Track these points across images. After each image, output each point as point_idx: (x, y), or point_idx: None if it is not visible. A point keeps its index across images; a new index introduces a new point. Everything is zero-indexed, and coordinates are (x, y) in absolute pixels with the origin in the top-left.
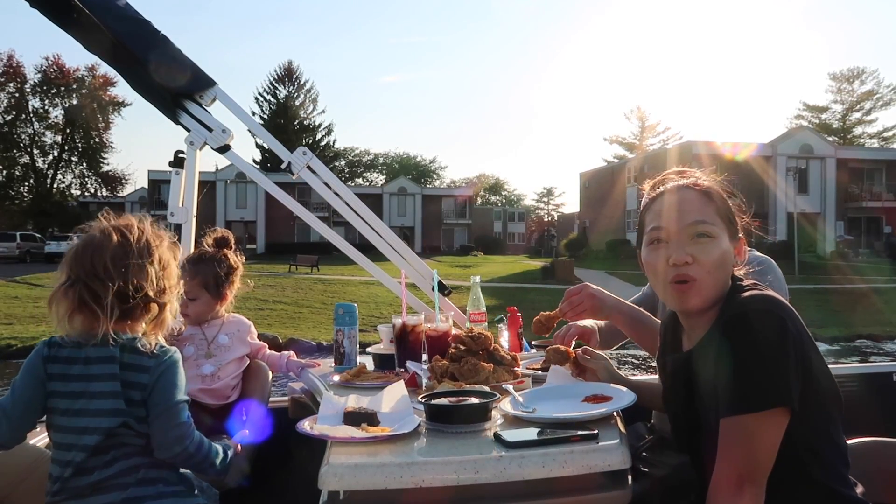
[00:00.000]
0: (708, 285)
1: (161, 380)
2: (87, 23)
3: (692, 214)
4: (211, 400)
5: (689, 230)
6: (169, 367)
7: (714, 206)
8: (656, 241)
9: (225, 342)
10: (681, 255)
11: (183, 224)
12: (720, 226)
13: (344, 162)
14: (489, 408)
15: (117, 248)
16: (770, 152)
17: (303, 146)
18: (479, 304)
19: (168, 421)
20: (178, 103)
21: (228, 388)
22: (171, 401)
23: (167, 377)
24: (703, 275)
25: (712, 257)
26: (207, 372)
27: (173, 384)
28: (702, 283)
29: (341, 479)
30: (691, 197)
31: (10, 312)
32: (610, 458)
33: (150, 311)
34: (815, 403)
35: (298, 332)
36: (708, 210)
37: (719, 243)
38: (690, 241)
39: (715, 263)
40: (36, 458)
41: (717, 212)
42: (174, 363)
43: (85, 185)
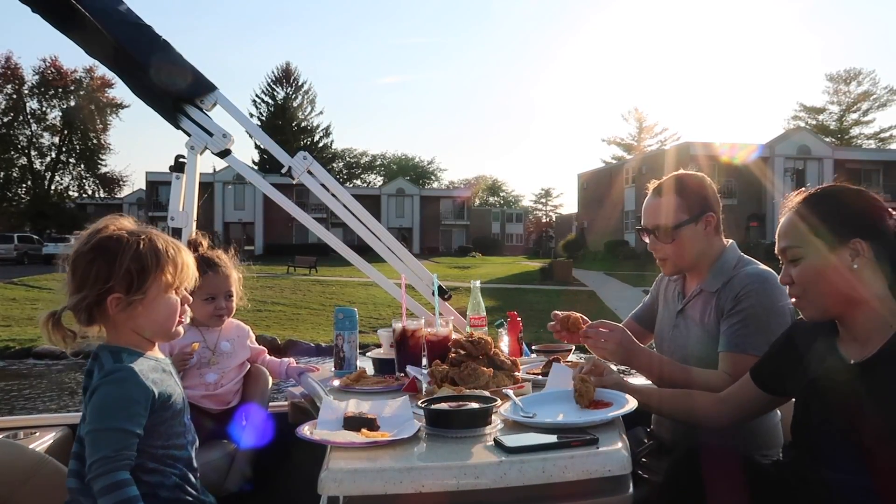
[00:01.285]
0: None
1: (95, 396)
2: (88, 28)
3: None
4: (213, 405)
5: None
6: (106, 384)
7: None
8: None
9: (227, 349)
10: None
11: (183, 228)
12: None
13: (342, 163)
14: (489, 412)
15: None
16: (768, 153)
17: (303, 150)
18: (479, 309)
19: (88, 445)
20: (179, 108)
21: (230, 394)
22: (94, 424)
23: (100, 394)
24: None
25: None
26: (211, 380)
27: (104, 405)
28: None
29: (341, 484)
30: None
31: (8, 314)
32: (610, 464)
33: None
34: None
35: (297, 333)
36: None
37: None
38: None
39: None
40: (36, 462)
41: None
42: (118, 382)
43: (83, 187)
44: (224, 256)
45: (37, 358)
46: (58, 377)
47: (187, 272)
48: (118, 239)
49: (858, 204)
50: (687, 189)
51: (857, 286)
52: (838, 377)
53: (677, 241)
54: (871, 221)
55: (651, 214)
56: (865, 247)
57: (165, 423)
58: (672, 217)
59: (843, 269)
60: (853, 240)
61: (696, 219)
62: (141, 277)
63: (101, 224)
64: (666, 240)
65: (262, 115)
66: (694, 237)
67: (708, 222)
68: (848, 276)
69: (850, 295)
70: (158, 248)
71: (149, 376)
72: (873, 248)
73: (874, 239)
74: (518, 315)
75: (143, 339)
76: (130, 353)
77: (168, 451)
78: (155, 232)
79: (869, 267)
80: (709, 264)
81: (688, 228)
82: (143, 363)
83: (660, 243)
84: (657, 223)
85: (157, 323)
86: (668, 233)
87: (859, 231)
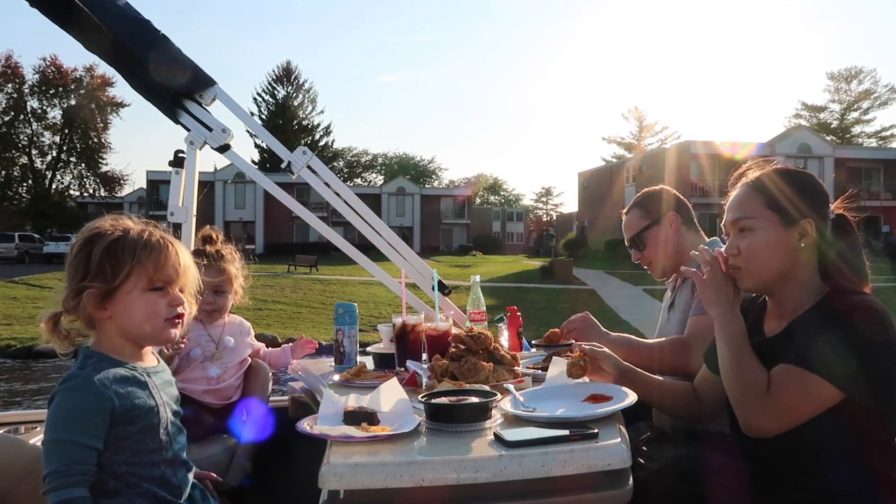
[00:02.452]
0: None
1: (52, 404)
2: (86, 22)
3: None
4: (214, 400)
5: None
6: (62, 392)
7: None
8: None
9: (230, 344)
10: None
11: (183, 224)
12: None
13: (342, 162)
14: (489, 407)
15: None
16: (768, 152)
17: (302, 146)
18: (479, 304)
19: (43, 457)
20: (178, 103)
21: (231, 389)
22: (47, 434)
23: (55, 402)
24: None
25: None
26: (214, 374)
27: (56, 414)
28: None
29: (341, 478)
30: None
31: (9, 313)
32: (610, 458)
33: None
34: None
35: (297, 332)
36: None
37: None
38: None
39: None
40: (35, 458)
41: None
42: (73, 390)
43: (83, 186)
44: (226, 252)
45: (38, 357)
46: (59, 376)
47: (177, 269)
48: (100, 231)
49: (813, 187)
50: (645, 200)
51: (797, 265)
52: (756, 351)
53: (648, 244)
54: (821, 205)
55: (625, 231)
56: (813, 228)
57: (130, 439)
58: (637, 226)
59: (790, 246)
60: (805, 220)
61: (658, 221)
62: (114, 269)
63: (97, 220)
64: (640, 246)
65: (262, 114)
66: (663, 237)
67: (672, 221)
68: (792, 254)
69: (787, 272)
70: (137, 241)
71: (111, 386)
72: (818, 231)
73: (820, 222)
74: (519, 313)
75: (127, 343)
76: (101, 358)
77: (133, 469)
78: (150, 227)
79: (810, 248)
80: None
81: (653, 231)
82: (108, 371)
83: (638, 252)
84: (629, 236)
85: (136, 322)
86: (639, 239)
87: (811, 213)
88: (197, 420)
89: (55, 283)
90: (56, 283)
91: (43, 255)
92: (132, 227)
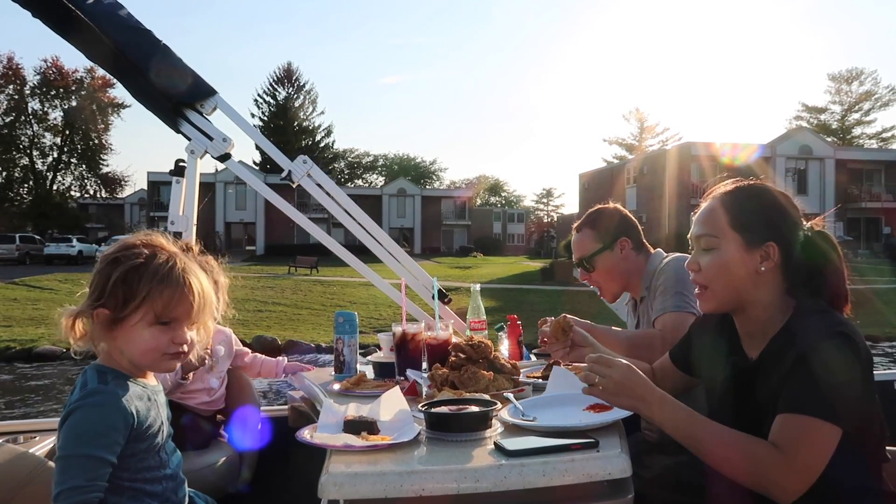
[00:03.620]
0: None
1: (72, 417)
2: (88, 32)
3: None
4: (210, 409)
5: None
6: (86, 407)
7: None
8: None
9: (221, 353)
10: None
11: (183, 232)
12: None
13: (343, 163)
14: (489, 416)
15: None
16: (769, 153)
17: (303, 154)
18: (480, 313)
19: (57, 472)
20: (179, 112)
21: (223, 398)
22: (67, 449)
23: (77, 417)
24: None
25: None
26: (215, 385)
27: (81, 429)
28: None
29: (341, 487)
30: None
31: (9, 314)
32: (610, 467)
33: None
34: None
35: (297, 333)
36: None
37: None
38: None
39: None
40: (34, 467)
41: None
42: (99, 406)
43: (84, 187)
44: (209, 263)
45: (38, 359)
46: (59, 378)
47: (189, 309)
48: (127, 254)
49: (782, 208)
50: (598, 221)
51: (757, 288)
52: (742, 377)
53: (598, 268)
54: (788, 229)
55: (575, 249)
56: (776, 252)
57: (137, 456)
58: (589, 248)
59: (751, 269)
60: (768, 243)
61: (611, 245)
62: (126, 299)
63: (135, 235)
64: (589, 269)
65: (263, 116)
66: (613, 262)
67: (623, 246)
68: (752, 277)
69: (748, 294)
70: (155, 274)
71: (132, 402)
72: (782, 255)
73: (785, 247)
74: (518, 317)
75: (132, 365)
76: (118, 375)
77: (136, 485)
78: (177, 258)
79: (773, 272)
80: (639, 278)
81: (605, 255)
82: (129, 388)
83: (586, 273)
84: (580, 256)
85: (134, 353)
86: (589, 262)
87: (775, 236)
88: (196, 428)
89: (56, 285)
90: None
91: (44, 256)
92: (158, 255)
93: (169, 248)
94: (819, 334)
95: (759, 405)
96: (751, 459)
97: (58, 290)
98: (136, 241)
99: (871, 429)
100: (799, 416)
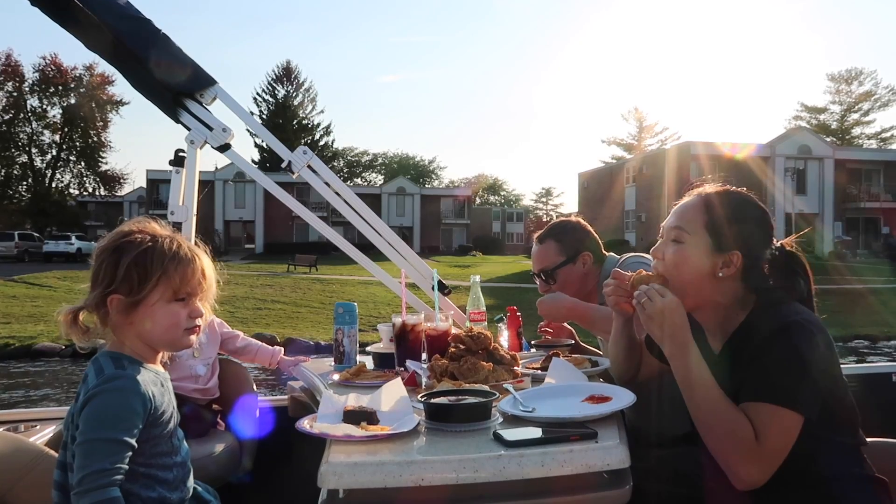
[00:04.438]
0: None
1: (92, 403)
2: (87, 21)
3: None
4: (202, 397)
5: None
6: (107, 392)
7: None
8: None
9: (205, 340)
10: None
11: (183, 223)
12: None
13: (343, 162)
14: (489, 407)
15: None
16: (768, 153)
17: (303, 146)
18: (479, 304)
19: (80, 456)
20: (179, 102)
21: (215, 386)
22: (90, 433)
23: (98, 402)
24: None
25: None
26: (202, 372)
27: (103, 413)
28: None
29: (341, 477)
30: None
31: (9, 312)
32: (609, 458)
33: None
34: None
35: (297, 331)
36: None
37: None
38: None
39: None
40: (35, 456)
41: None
42: (120, 390)
43: (83, 185)
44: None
45: (37, 355)
46: (59, 373)
47: (202, 282)
48: (130, 240)
49: (757, 222)
50: (563, 234)
51: (712, 290)
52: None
53: (559, 281)
54: (756, 243)
55: (536, 261)
56: (739, 261)
57: (151, 441)
58: (551, 260)
59: (710, 271)
60: (733, 251)
61: (573, 259)
62: (142, 280)
63: (126, 224)
64: (550, 280)
65: (262, 114)
66: (575, 276)
67: (585, 260)
68: (709, 279)
69: (701, 293)
70: (166, 252)
71: (149, 387)
72: (744, 265)
73: (749, 259)
74: (518, 313)
75: (146, 348)
76: (132, 360)
77: (149, 471)
78: (177, 237)
79: (731, 279)
80: (596, 287)
81: (566, 268)
82: (144, 373)
83: (546, 285)
84: (541, 267)
85: (156, 332)
86: (549, 274)
87: (743, 247)
88: (197, 417)
89: (55, 282)
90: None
91: (42, 253)
92: (160, 236)
93: (165, 231)
94: (776, 324)
95: None
96: (731, 435)
97: (56, 287)
98: (132, 229)
99: (840, 414)
100: (761, 404)
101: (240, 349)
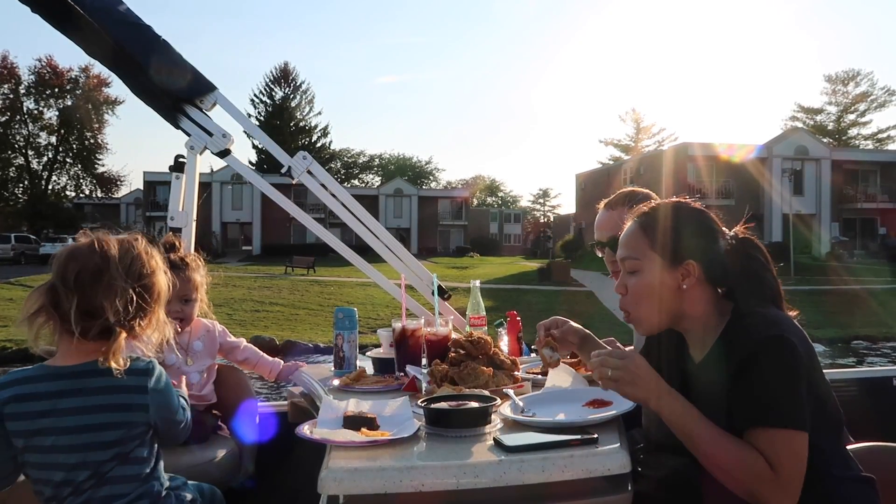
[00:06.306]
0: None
1: (157, 394)
2: (87, 28)
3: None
4: (197, 403)
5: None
6: (158, 379)
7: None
8: None
9: (200, 348)
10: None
11: (183, 228)
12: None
13: (340, 163)
14: (489, 412)
15: (94, 262)
16: (765, 154)
17: (302, 150)
18: (479, 309)
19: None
20: (179, 108)
21: (211, 393)
22: (172, 407)
23: (158, 388)
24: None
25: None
26: (196, 380)
27: (169, 391)
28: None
29: (341, 483)
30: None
31: (5, 314)
32: (609, 463)
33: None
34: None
35: (295, 334)
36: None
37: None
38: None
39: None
40: None
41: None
42: (160, 373)
43: (80, 187)
44: (190, 260)
45: (34, 360)
46: None
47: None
48: (111, 276)
49: (697, 225)
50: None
51: (685, 304)
52: (685, 374)
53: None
54: (706, 244)
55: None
56: (696, 268)
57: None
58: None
59: (673, 288)
60: (687, 262)
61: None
62: (144, 311)
63: (84, 250)
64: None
65: (260, 115)
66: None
67: None
68: (676, 294)
69: (677, 311)
70: (158, 282)
71: None
72: (703, 270)
73: (705, 261)
74: (519, 318)
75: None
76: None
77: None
78: (137, 252)
79: (697, 287)
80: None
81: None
82: None
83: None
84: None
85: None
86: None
87: (693, 253)
88: (199, 422)
89: None
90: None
91: (39, 256)
92: (136, 260)
93: (119, 247)
94: (759, 337)
95: (704, 406)
96: (746, 471)
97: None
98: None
99: (826, 416)
100: (767, 429)
101: (241, 361)
